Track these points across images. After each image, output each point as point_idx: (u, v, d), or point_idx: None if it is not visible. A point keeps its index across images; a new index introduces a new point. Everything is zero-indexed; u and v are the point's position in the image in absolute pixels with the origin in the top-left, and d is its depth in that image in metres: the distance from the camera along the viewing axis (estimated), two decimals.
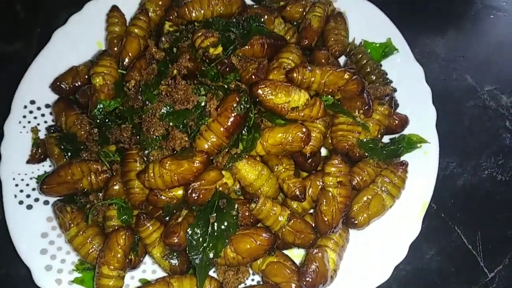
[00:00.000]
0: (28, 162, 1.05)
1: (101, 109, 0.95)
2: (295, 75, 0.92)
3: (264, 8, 1.10)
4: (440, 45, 1.28)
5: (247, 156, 0.92)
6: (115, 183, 0.96)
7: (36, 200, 1.03)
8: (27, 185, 1.04)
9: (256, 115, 0.94)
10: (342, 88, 0.94)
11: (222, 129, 0.88)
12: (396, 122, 1.03)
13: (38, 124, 1.10)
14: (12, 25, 1.35)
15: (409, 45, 1.13)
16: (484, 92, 1.22)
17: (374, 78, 1.08)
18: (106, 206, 0.96)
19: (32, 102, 1.11)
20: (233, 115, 0.88)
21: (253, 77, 0.94)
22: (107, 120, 0.95)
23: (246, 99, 0.89)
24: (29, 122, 1.09)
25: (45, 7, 1.36)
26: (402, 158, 1.02)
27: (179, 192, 0.93)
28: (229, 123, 0.88)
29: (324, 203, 0.91)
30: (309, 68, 0.92)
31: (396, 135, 1.05)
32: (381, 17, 1.16)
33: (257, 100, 0.89)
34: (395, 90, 1.08)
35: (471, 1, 1.35)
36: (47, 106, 1.12)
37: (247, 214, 0.93)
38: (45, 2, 1.37)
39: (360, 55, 1.11)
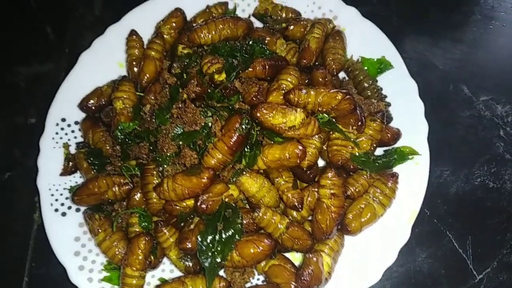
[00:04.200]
0: (61, 174, 1.19)
1: (121, 130, 1.07)
2: (291, 96, 1.02)
3: (267, 31, 1.19)
4: (438, 56, 1.34)
5: (249, 171, 1.03)
6: (135, 194, 1.09)
7: (69, 208, 1.16)
8: (61, 194, 1.18)
9: (258, 132, 1.05)
10: (336, 107, 1.02)
11: (226, 147, 0.99)
12: (389, 136, 1.10)
13: (69, 140, 1.24)
14: (43, 47, 1.50)
15: (408, 56, 1.19)
16: (480, 102, 1.27)
17: (370, 93, 1.16)
18: (129, 214, 1.10)
19: (63, 119, 1.25)
20: (236, 135, 0.99)
21: (254, 99, 1.04)
22: (127, 139, 1.08)
23: (247, 120, 0.99)
24: (61, 138, 1.23)
25: (72, 29, 1.50)
26: (394, 168, 1.10)
27: (191, 201, 1.05)
28: (232, 142, 0.99)
29: (319, 213, 1.01)
30: (304, 90, 1.01)
31: (389, 148, 1.13)
32: (379, 34, 1.22)
33: (257, 121, 1.00)
34: (389, 104, 1.16)
35: (470, 12, 1.39)
36: (76, 123, 1.26)
37: (250, 221, 1.04)
38: (72, 24, 1.51)
39: (357, 72, 1.19)
